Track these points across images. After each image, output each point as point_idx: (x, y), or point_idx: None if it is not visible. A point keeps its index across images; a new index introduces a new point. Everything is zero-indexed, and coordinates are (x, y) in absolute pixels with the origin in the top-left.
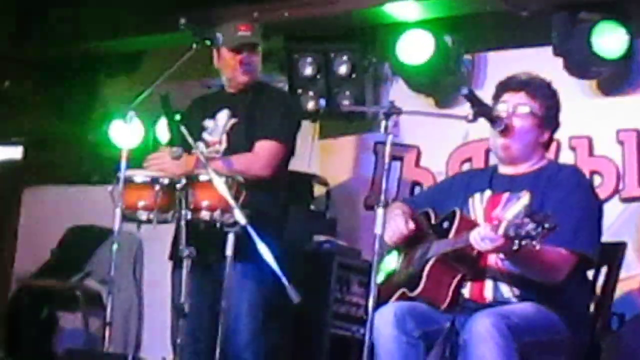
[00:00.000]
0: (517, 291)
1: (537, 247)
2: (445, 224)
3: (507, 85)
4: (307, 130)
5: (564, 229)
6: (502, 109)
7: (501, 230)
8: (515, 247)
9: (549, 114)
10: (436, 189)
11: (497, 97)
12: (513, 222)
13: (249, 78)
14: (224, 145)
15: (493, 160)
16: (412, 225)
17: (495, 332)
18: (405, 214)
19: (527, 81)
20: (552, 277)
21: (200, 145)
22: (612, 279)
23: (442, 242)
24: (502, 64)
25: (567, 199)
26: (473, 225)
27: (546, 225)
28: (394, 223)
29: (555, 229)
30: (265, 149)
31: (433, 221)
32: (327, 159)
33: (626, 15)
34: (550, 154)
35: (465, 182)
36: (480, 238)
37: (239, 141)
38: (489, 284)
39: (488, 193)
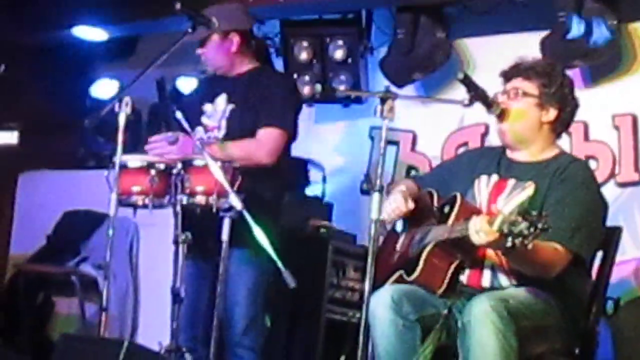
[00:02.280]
0: (515, 280)
1: (530, 247)
2: (446, 209)
3: (506, 75)
4: (303, 115)
5: (563, 226)
6: (501, 98)
7: (495, 226)
8: (508, 244)
9: (547, 91)
10: (443, 168)
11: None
12: (508, 219)
13: (210, 68)
14: (222, 131)
15: (489, 144)
16: (411, 205)
17: (494, 315)
18: (406, 192)
19: (521, 66)
20: (546, 273)
21: (199, 129)
22: (607, 264)
23: (441, 227)
24: None
25: (571, 195)
26: (473, 211)
27: (539, 226)
28: (393, 200)
29: (549, 230)
30: (268, 136)
31: (436, 203)
32: (322, 143)
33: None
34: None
35: (472, 162)
36: (475, 230)
37: (237, 128)
38: (487, 273)
39: (495, 177)
